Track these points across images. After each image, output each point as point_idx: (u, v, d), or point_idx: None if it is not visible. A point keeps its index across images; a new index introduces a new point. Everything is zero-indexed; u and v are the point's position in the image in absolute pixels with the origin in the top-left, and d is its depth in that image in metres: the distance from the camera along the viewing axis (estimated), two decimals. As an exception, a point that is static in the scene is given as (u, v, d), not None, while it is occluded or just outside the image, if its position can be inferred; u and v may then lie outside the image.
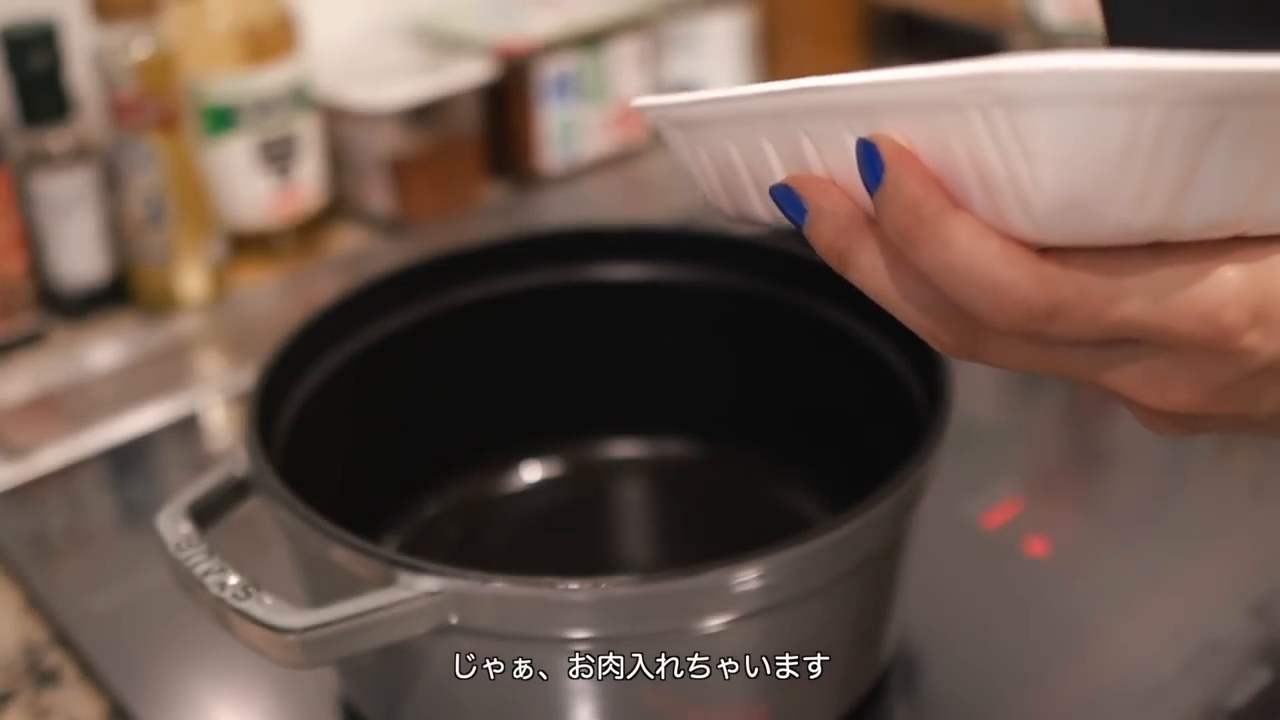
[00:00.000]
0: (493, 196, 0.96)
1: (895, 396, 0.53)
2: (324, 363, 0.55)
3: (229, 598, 0.41)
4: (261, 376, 0.51)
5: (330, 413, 0.54)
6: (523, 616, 0.42)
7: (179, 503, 0.45)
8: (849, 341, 0.56)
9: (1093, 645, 0.55)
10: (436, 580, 0.41)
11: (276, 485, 0.45)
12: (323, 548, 0.43)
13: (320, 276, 0.84)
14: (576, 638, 0.42)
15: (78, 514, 0.66)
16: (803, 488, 0.60)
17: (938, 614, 0.57)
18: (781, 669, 0.45)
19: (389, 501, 0.59)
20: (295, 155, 0.87)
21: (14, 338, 0.80)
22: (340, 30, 0.96)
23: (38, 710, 0.55)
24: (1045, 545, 0.61)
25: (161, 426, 0.72)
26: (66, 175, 0.79)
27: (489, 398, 0.61)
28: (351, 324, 0.56)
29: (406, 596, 0.41)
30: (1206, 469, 0.66)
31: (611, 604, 0.42)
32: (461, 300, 0.59)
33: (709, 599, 0.42)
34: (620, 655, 0.43)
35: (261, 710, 0.54)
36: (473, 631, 0.42)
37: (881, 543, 0.46)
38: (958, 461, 0.68)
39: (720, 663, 0.43)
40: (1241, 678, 0.53)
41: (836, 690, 0.49)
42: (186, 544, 0.43)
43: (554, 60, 0.94)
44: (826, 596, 0.45)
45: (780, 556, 0.42)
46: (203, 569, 0.42)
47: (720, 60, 1.04)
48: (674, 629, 0.42)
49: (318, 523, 0.43)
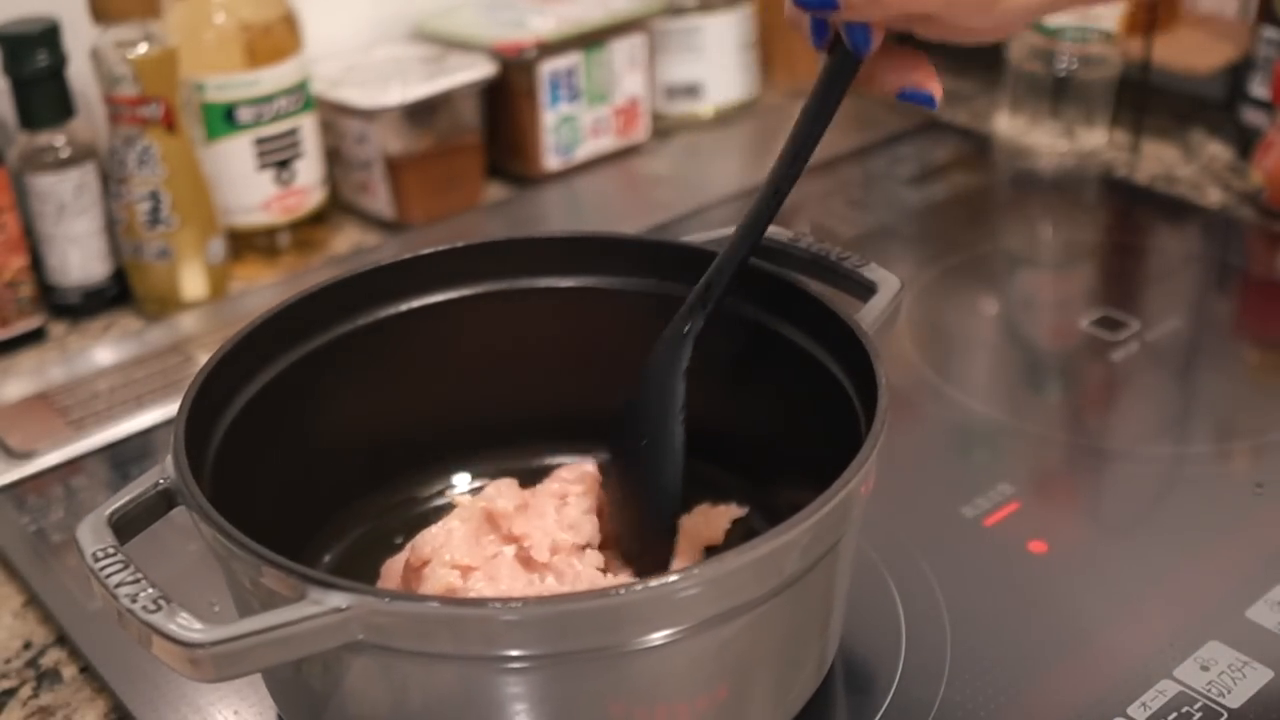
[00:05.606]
0: (492, 196, 0.97)
1: (845, 414, 0.53)
2: (261, 372, 0.54)
3: (139, 610, 0.40)
4: (195, 387, 0.50)
5: (265, 427, 0.54)
6: (430, 634, 0.41)
7: (100, 512, 0.45)
8: (795, 353, 0.56)
9: (1092, 645, 0.55)
10: (345, 596, 0.41)
11: (199, 497, 0.45)
12: (240, 562, 0.43)
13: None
14: (491, 655, 0.42)
15: (78, 513, 0.66)
16: (758, 505, 0.59)
17: (937, 614, 0.57)
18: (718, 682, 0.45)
19: (326, 511, 0.59)
20: (295, 155, 0.87)
21: (14, 337, 0.80)
22: (340, 30, 0.96)
23: (37, 709, 0.55)
24: (1044, 545, 0.61)
25: (161, 426, 0.72)
26: (66, 175, 0.79)
27: (424, 410, 0.61)
28: (286, 337, 0.56)
29: (315, 612, 0.40)
30: (1206, 469, 0.67)
31: (520, 624, 0.41)
32: (393, 313, 0.59)
33: (634, 615, 0.42)
34: (531, 672, 0.43)
35: (261, 710, 0.54)
36: (384, 648, 0.42)
37: (818, 553, 0.45)
38: (958, 461, 0.68)
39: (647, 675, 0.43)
40: (1241, 678, 0.53)
41: (778, 699, 0.49)
42: (103, 554, 0.42)
43: (554, 60, 0.94)
44: (760, 610, 0.44)
45: (704, 572, 0.42)
46: (116, 580, 0.41)
47: (720, 60, 1.04)
48: (599, 646, 0.42)
49: (235, 536, 0.43)
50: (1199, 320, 0.80)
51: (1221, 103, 1.02)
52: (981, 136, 1.02)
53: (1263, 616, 0.56)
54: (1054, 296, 0.85)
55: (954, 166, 0.98)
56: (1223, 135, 0.99)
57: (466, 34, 0.95)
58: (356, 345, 0.58)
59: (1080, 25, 0.95)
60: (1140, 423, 0.71)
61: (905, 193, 0.95)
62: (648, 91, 1.01)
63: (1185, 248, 0.89)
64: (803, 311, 0.55)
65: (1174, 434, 0.69)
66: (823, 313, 0.54)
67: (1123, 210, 0.94)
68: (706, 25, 1.02)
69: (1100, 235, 0.91)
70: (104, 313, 0.84)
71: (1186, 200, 0.92)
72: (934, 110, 0.50)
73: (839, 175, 0.97)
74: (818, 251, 0.57)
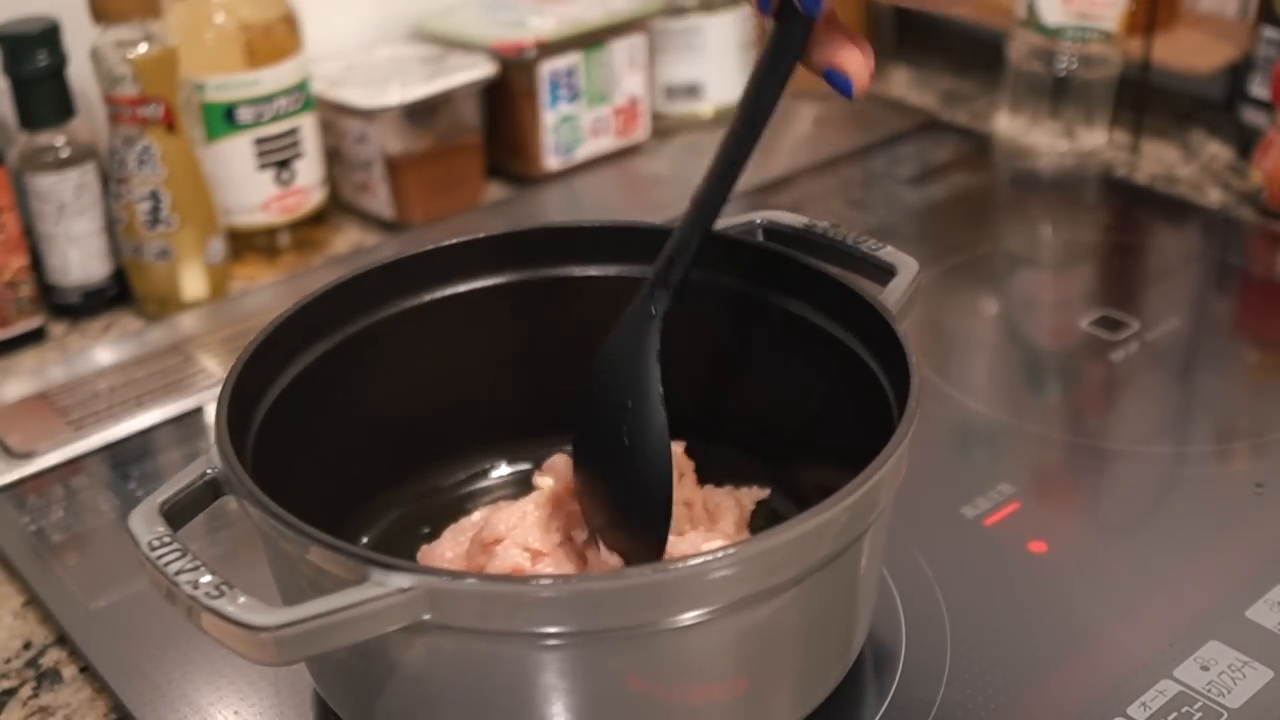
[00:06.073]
0: (492, 196, 0.97)
1: (870, 397, 0.53)
2: (295, 362, 0.55)
3: (202, 596, 0.41)
4: (233, 376, 0.50)
5: (301, 412, 0.54)
6: (494, 613, 0.42)
7: (151, 502, 0.45)
8: (817, 336, 0.56)
9: (1092, 645, 0.55)
10: (409, 577, 0.41)
11: (250, 485, 0.45)
12: (297, 547, 0.43)
13: (320, 276, 0.84)
14: (549, 632, 0.42)
15: (78, 513, 0.66)
16: (776, 485, 0.60)
17: (937, 614, 0.57)
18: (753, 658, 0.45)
19: (358, 499, 0.59)
20: (295, 155, 0.87)
21: (14, 337, 0.80)
22: (340, 30, 0.96)
23: (37, 709, 0.55)
24: (1044, 545, 0.61)
25: (161, 425, 0.72)
26: (66, 175, 0.79)
27: (459, 396, 0.61)
28: (323, 322, 0.56)
29: (380, 593, 0.41)
30: (1206, 469, 0.67)
31: (584, 599, 0.42)
32: (432, 299, 0.59)
33: (682, 592, 0.42)
34: (594, 649, 0.43)
35: (260, 710, 0.54)
36: (446, 628, 0.42)
37: (851, 535, 0.46)
38: (958, 461, 0.68)
39: (696, 652, 0.44)
40: (1241, 678, 0.53)
41: (811, 682, 0.49)
42: (159, 543, 0.43)
43: (554, 60, 0.94)
44: (797, 590, 0.45)
45: (748, 549, 0.42)
46: (175, 568, 0.42)
47: (720, 60, 1.04)
48: (649, 622, 0.43)
49: (293, 522, 0.43)
50: (1199, 320, 0.80)
51: (1221, 103, 1.02)
52: (981, 136, 1.02)
53: (1263, 616, 0.56)
54: (1054, 296, 0.85)
55: (954, 166, 0.98)
56: (1223, 135, 0.99)
57: (466, 34, 0.95)
58: (390, 333, 0.58)
59: (1080, 25, 0.95)
60: (1140, 423, 0.71)
61: (905, 193, 0.95)
62: (647, 91, 1.01)
63: (1185, 248, 0.89)
64: (824, 294, 0.56)
65: (1174, 434, 0.69)
66: (846, 295, 0.54)
67: (1123, 210, 0.94)
68: (706, 25, 1.02)
69: (1100, 235, 0.91)
70: (104, 313, 0.84)
71: (1186, 200, 0.92)
72: (850, 99, 0.48)
73: (839, 175, 0.97)
74: (833, 236, 0.57)
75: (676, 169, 0.99)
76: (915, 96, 1.10)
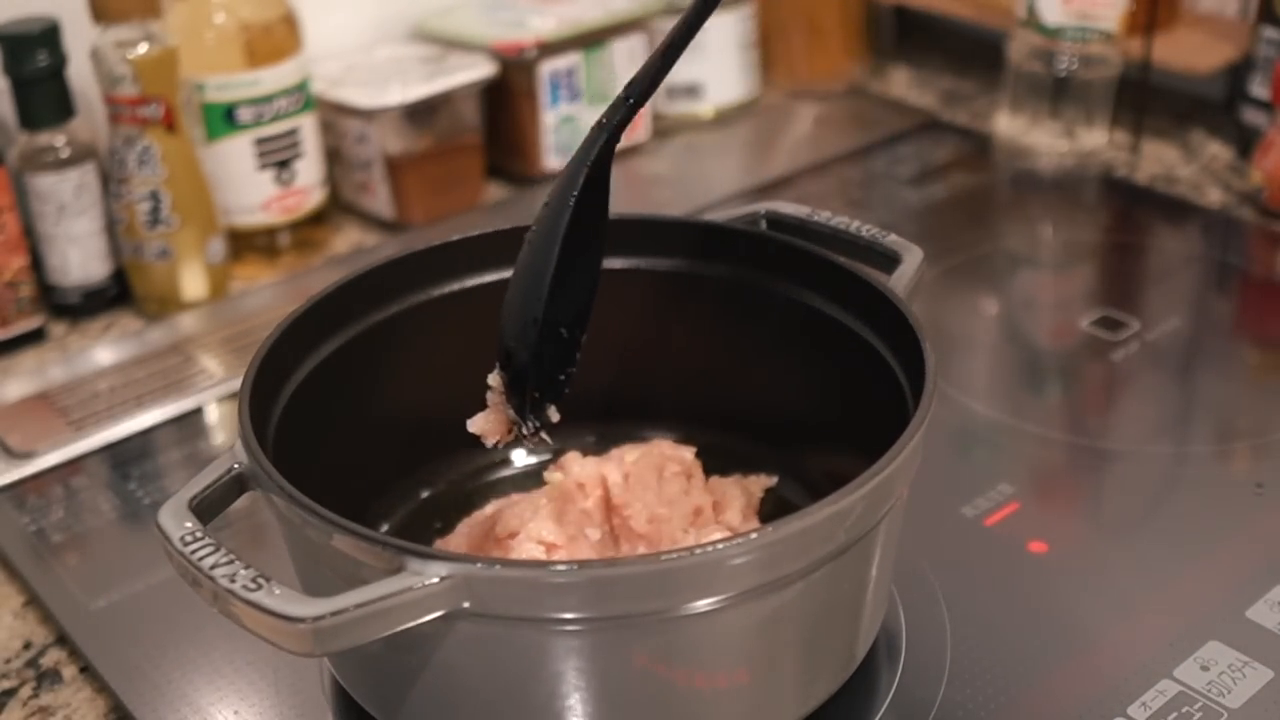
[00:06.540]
0: (492, 196, 0.97)
1: (880, 384, 0.53)
2: (310, 358, 0.55)
3: (240, 589, 0.41)
4: (253, 371, 0.51)
5: (317, 407, 0.55)
6: (531, 599, 0.42)
7: (180, 498, 0.45)
8: (826, 324, 0.56)
9: (1093, 645, 0.55)
10: (446, 566, 0.41)
11: (280, 479, 0.45)
12: (327, 538, 0.43)
13: (320, 276, 0.84)
14: (581, 618, 0.43)
15: (78, 513, 0.66)
16: (784, 472, 0.60)
17: (937, 614, 0.57)
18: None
19: (372, 492, 0.60)
20: (295, 155, 0.87)
21: (14, 337, 0.80)
22: (340, 30, 0.96)
23: (37, 709, 0.55)
24: (1044, 545, 0.61)
25: (161, 425, 0.72)
26: (66, 175, 0.79)
27: (473, 389, 0.61)
28: (337, 318, 0.57)
29: (416, 583, 0.41)
30: (1206, 469, 0.67)
31: (612, 584, 0.42)
32: (444, 293, 0.60)
33: (705, 578, 0.43)
34: (623, 634, 0.44)
35: (260, 710, 0.54)
36: (480, 616, 0.42)
37: (867, 524, 0.46)
38: (958, 461, 0.68)
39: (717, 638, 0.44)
40: (1241, 678, 0.53)
41: (822, 674, 0.49)
42: (191, 538, 0.43)
43: (554, 60, 0.94)
44: (802, 584, 0.45)
45: (765, 538, 0.43)
46: (210, 562, 0.42)
47: (720, 60, 1.04)
48: (676, 606, 0.43)
49: (328, 515, 0.44)
50: (1199, 320, 0.80)
51: (1221, 103, 1.02)
52: (981, 136, 1.02)
53: (1263, 616, 0.56)
54: (1054, 296, 0.85)
55: (954, 166, 0.98)
56: (1223, 135, 0.99)
57: (466, 34, 0.95)
58: (403, 327, 0.59)
59: (1080, 25, 0.95)
60: (1140, 423, 0.71)
61: (905, 193, 0.95)
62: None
63: (1185, 248, 0.89)
64: (831, 281, 0.56)
65: (1174, 434, 0.69)
66: (853, 281, 0.55)
67: (1123, 210, 0.94)
68: (707, 25, 1.02)
69: (1100, 235, 0.91)
70: (104, 313, 0.84)
71: (1186, 200, 0.92)
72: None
73: (839, 175, 0.97)
74: (837, 225, 0.57)
75: (676, 169, 0.99)
76: (915, 96, 1.10)
